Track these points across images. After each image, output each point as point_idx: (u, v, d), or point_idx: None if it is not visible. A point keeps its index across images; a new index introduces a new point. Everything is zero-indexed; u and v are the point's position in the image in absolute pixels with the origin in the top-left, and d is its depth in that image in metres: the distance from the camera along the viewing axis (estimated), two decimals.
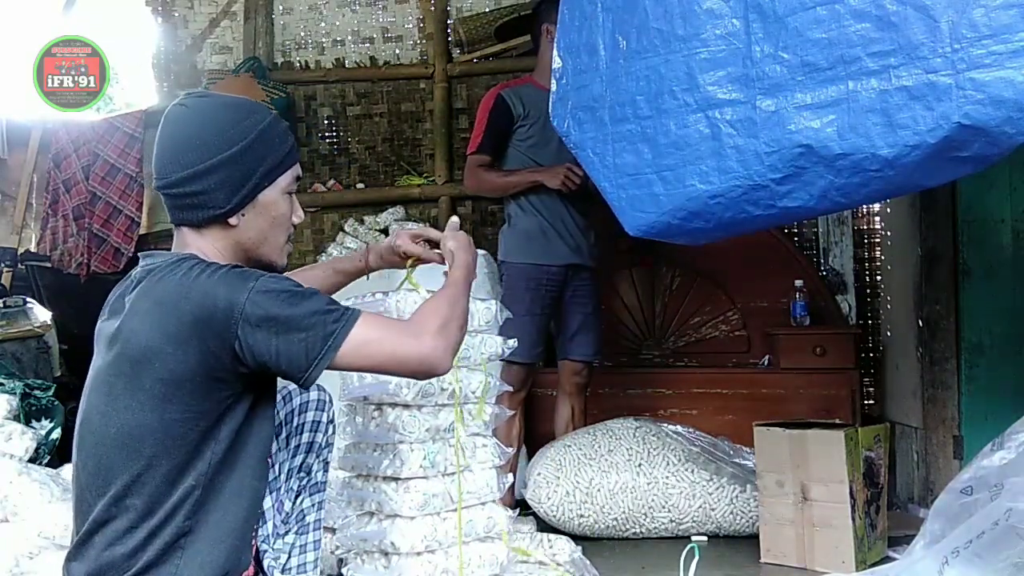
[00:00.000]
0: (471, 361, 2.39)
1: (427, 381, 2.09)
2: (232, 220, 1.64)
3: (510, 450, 2.56)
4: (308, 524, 1.87)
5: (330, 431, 2.02)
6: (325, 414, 2.03)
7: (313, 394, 1.98)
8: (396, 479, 2.24)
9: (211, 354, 1.54)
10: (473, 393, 2.37)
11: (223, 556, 1.57)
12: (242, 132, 1.62)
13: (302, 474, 1.96)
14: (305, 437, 1.96)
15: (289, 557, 1.83)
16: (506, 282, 3.72)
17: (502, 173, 3.70)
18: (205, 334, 1.52)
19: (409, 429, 2.22)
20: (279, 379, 1.67)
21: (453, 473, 2.28)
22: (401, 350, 1.58)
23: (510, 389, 2.90)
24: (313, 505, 1.91)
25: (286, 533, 1.92)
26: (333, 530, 2.54)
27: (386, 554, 2.24)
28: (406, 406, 2.25)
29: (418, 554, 2.22)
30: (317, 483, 1.95)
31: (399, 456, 2.23)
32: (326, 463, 2.02)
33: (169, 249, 1.72)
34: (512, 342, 2.51)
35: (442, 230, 2.04)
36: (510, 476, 2.52)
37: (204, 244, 1.67)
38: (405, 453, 2.22)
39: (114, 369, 1.60)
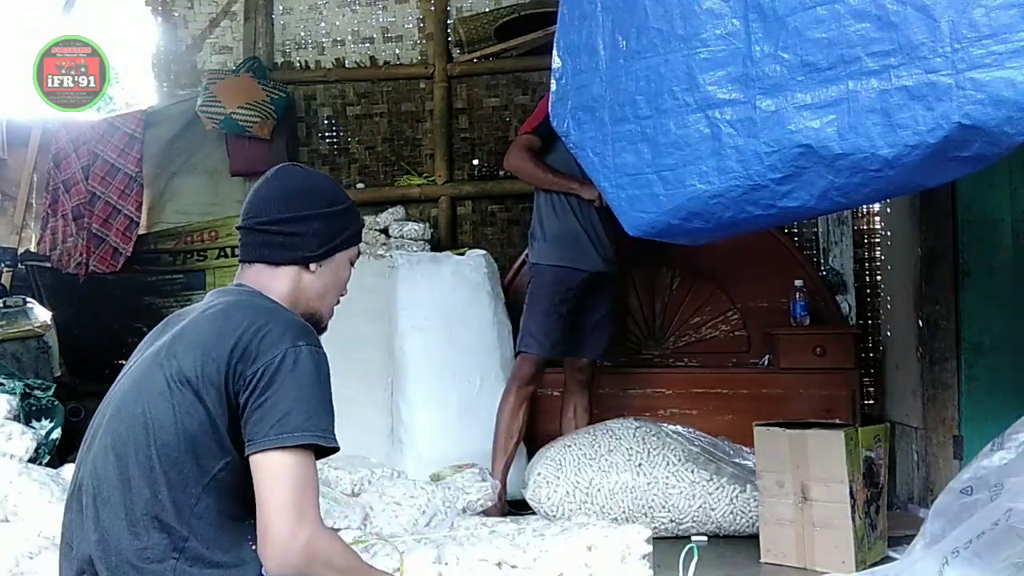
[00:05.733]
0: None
1: None
2: (312, 266, 1.81)
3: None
4: None
5: None
6: None
7: None
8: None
9: (233, 372, 1.60)
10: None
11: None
12: (341, 199, 1.87)
13: None
14: None
15: None
16: (534, 280, 3.81)
17: (544, 167, 3.76)
18: (241, 354, 1.60)
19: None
20: None
21: None
22: (280, 519, 1.51)
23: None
24: None
25: None
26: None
27: None
28: None
29: None
30: None
31: None
32: None
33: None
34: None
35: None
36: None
37: (273, 282, 1.80)
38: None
39: (159, 359, 1.66)
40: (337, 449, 1.60)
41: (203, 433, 1.59)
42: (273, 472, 1.53)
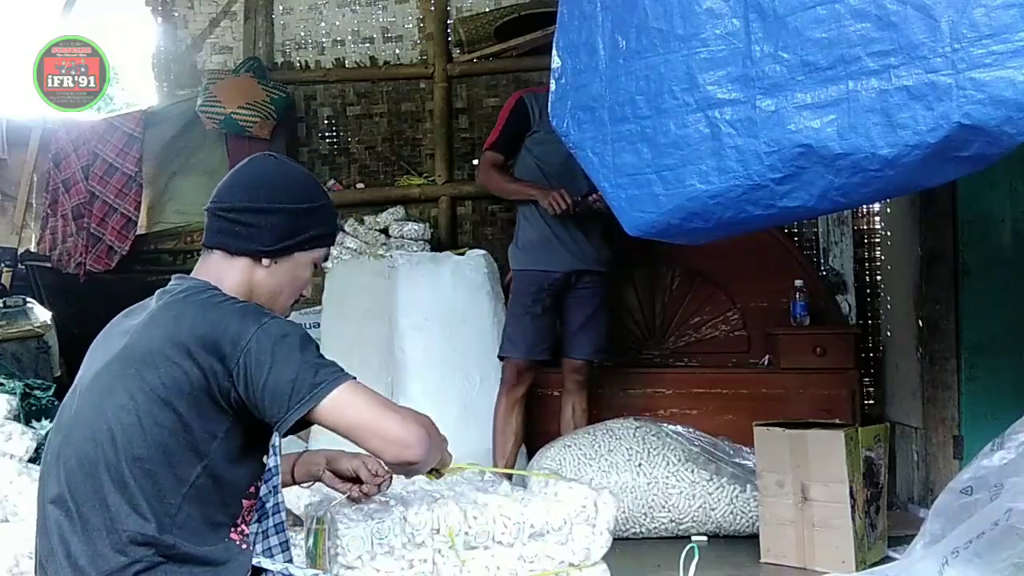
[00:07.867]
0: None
1: None
2: (264, 261, 1.76)
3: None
4: (267, 510, 1.86)
5: None
6: None
7: None
8: None
9: (211, 373, 1.58)
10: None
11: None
12: (311, 197, 1.80)
13: None
14: None
15: (253, 544, 1.83)
16: (512, 286, 3.92)
17: (508, 178, 3.88)
18: (210, 352, 1.58)
19: None
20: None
21: None
22: (383, 422, 1.63)
23: None
24: (269, 491, 1.90)
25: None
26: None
27: None
28: None
29: None
30: (269, 468, 1.93)
31: None
32: (275, 447, 2.01)
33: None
34: None
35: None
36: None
37: (228, 272, 1.76)
38: None
39: (115, 370, 1.63)
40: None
41: (176, 441, 1.57)
42: (340, 412, 1.61)
